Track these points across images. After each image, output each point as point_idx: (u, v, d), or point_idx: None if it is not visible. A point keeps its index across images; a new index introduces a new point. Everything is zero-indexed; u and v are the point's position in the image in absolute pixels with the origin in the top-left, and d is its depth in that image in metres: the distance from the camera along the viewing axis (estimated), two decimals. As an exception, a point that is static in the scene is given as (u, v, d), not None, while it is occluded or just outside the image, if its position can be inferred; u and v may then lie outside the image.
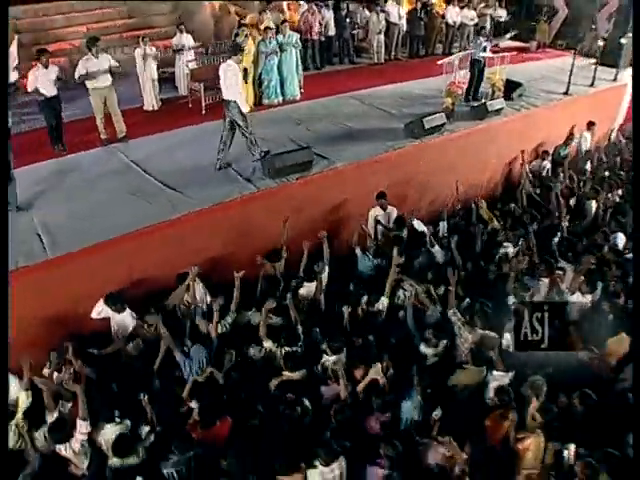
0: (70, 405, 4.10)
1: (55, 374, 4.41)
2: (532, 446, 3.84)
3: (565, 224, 6.49)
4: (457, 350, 4.71)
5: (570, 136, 9.51)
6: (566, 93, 10.07)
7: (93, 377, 4.38)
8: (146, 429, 3.93)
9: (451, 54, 10.12)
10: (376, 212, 6.44)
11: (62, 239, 5.17)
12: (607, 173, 8.62)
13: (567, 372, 4.42)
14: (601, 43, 12.10)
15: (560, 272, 5.48)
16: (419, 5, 11.97)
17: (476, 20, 12.56)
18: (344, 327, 4.99)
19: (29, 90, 7.03)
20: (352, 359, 4.58)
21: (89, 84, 7.32)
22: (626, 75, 11.32)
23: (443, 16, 12.39)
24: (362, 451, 3.90)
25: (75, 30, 10.91)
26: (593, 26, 13.45)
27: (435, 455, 3.85)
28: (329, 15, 10.97)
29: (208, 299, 5.20)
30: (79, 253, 4.92)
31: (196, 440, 3.74)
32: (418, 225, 6.40)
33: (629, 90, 11.41)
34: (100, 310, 4.80)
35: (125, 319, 4.92)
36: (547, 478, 3.83)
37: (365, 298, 5.27)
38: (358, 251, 6.06)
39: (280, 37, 8.67)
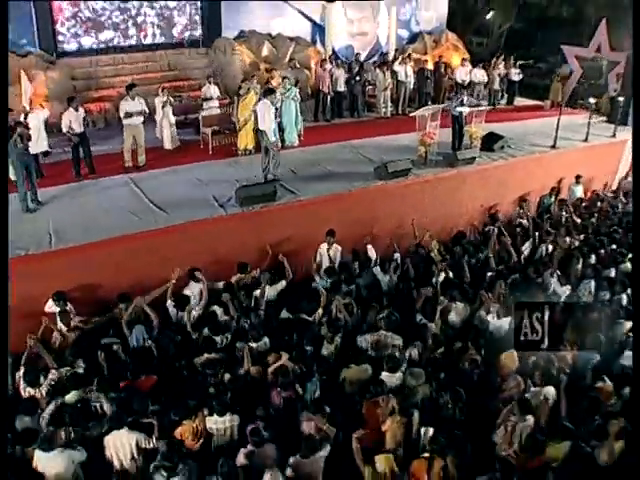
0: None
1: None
2: (391, 427, 4.90)
3: (492, 260, 7.54)
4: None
5: (554, 188, 10.50)
6: (553, 147, 11.19)
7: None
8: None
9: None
10: (323, 248, 7.76)
11: (64, 238, 6.95)
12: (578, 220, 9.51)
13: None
14: (608, 100, 13.21)
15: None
16: (426, 65, 13.54)
17: (485, 79, 13.98)
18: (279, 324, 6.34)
19: (63, 129, 9.05)
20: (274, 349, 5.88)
21: (124, 121, 9.34)
22: (625, 132, 12.32)
23: (452, 73, 13.89)
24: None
25: (122, 79, 13.16)
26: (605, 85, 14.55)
27: (308, 425, 4.98)
28: (339, 72, 12.78)
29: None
30: (71, 248, 6.61)
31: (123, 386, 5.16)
32: (370, 251, 7.69)
33: (629, 146, 12.38)
34: (50, 305, 6.31)
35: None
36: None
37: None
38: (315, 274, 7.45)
39: (281, 90, 10.44)
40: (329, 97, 12.72)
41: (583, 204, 10.53)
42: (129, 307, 6.21)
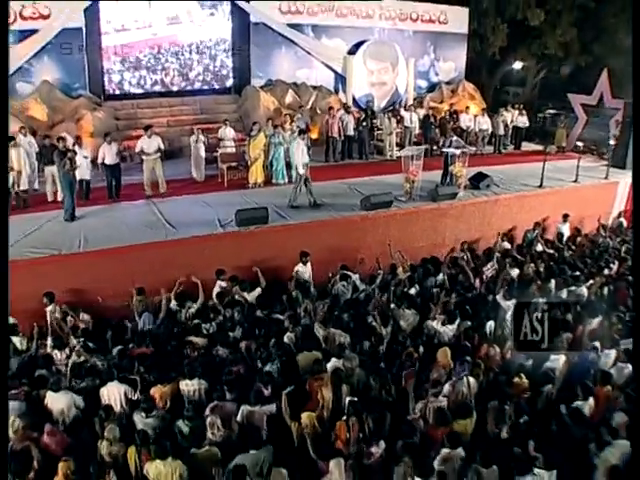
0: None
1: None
2: (322, 389, 6.26)
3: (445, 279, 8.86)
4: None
5: (537, 224, 11.68)
6: (540, 186, 12.48)
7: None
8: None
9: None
10: (298, 267, 9.23)
11: (91, 243, 8.82)
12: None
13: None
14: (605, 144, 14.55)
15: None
16: (431, 112, 15.20)
17: (488, 126, 15.49)
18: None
19: (98, 161, 11.12)
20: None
21: (143, 156, 11.33)
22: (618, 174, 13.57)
23: (456, 120, 15.47)
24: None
25: (158, 121, 15.40)
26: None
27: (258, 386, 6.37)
28: (348, 119, 14.56)
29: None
30: (94, 251, 8.45)
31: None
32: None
33: (622, 187, 13.52)
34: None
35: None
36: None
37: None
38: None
39: (288, 133, 12.24)
40: (338, 141, 14.44)
41: (564, 239, 11.62)
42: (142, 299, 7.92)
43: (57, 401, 5.98)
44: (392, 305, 7.93)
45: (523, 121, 16.63)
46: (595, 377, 6.51)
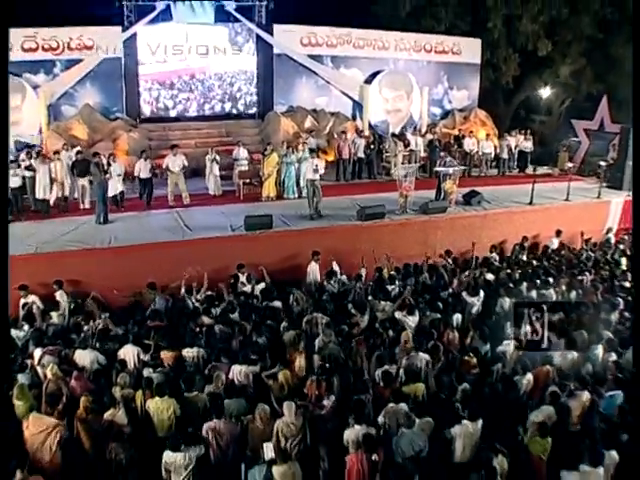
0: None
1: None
2: (298, 356, 7.62)
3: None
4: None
5: (525, 238, 12.81)
6: (530, 203, 13.69)
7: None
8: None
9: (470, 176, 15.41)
10: (311, 264, 10.70)
11: (119, 241, 10.53)
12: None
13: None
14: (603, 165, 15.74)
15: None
16: (436, 136, 16.62)
17: (491, 150, 16.79)
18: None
19: (135, 174, 12.94)
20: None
21: (168, 172, 13.09)
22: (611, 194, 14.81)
23: (460, 145, 16.83)
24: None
25: (187, 142, 17.28)
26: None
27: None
28: (359, 142, 16.08)
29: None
30: (121, 247, 10.12)
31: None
32: (334, 266, 10.54)
33: (614, 206, 14.59)
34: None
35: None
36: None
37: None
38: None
39: (300, 153, 13.81)
40: (348, 162, 15.99)
41: (549, 250, 12.73)
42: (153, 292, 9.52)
43: (83, 357, 7.53)
44: (370, 297, 9.27)
45: (528, 146, 17.87)
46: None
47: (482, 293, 9.55)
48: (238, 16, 18.21)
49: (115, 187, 12.49)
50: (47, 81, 16.22)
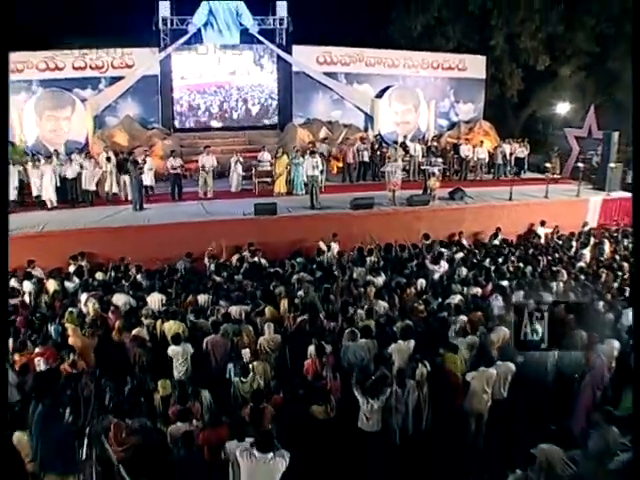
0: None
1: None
2: (282, 301, 9.99)
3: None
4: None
5: (499, 229, 14.84)
6: (510, 199, 15.77)
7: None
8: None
9: (466, 180, 17.79)
10: (331, 243, 13.07)
11: (152, 221, 13.19)
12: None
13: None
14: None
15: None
16: (434, 144, 18.89)
17: (485, 156, 18.94)
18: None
19: (167, 167, 15.72)
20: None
21: (201, 170, 15.81)
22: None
23: (457, 151, 19.03)
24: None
25: (214, 149, 19.90)
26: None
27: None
28: (364, 147, 18.48)
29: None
30: (153, 225, 12.80)
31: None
32: (335, 246, 12.88)
33: (592, 204, 16.54)
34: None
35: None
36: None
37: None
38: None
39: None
40: (353, 166, 18.41)
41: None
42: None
43: (119, 299, 10.06)
44: (349, 264, 11.62)
45: (523, 152, 19.92)
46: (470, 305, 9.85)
47: (443, 263, 11.73)
48: (261, 38, 20.96)
49: (148, 179, 15.22)
50: (93, 95, 19.38)
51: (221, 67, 21.07)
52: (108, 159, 15.51)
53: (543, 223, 15.34)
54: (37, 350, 8.07)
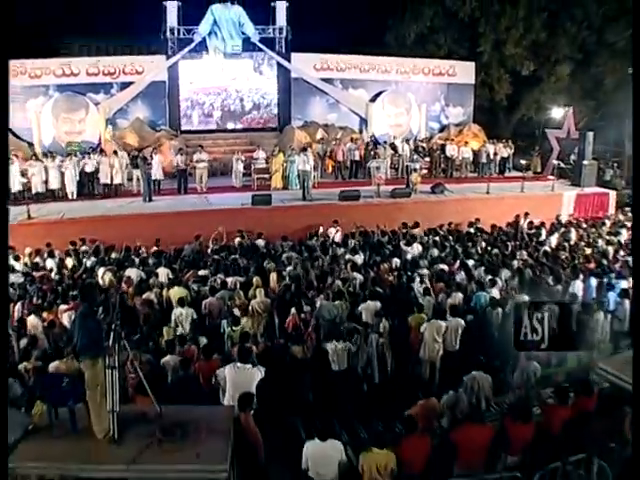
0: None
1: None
2: (272, 274, 11.70)
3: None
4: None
5: (478, 219, 16.45)
6: (487, 193, 17.43)
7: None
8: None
9: (452, 177, 19.49)
10: (331, 229, 14.81)
11: (159, 210, 14.95)
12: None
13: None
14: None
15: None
16: (422, 144, 20.63)
17: (469, 155, 20.63)
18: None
19: (173, 164, 17.51)
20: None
21: (195, 164, 17.59)
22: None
23: (443, 150, 20.74)
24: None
25: (218, 149, 21.87)
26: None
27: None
28: (355, 147, 20.22)
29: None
30: (161, 213, 14.62)
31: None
32: (336, 234, 14.61)
33: (566, 198, 18.18)
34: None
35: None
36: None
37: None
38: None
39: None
40: (344, 164, 20.19)
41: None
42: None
43: (131, 272, 11.80)
44: (333, 245, 13.36)
45: (507, 152, 21.60)
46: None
47: (416, 245, 13.43)
48: (261, 46, 22.83)
49: (156, 174, 17.03)
50: (106, 99, 21.30)
51: (224, 73, 22.91)
52: (120, 156, 17.31)
53: (527, 215, 16.90)
54: (62, 307, 9.88)
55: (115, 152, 17.55)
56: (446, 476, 6.31)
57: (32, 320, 9.50)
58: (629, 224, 16.20)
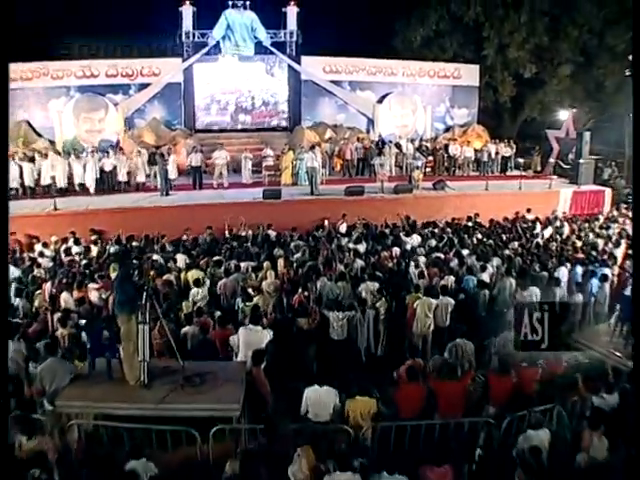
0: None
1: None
2: (279, 261, 12.87)
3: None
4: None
5: (477, 214, 17.50)
6: (486, 189, 18.49)
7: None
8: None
9: (454, 175, 20.67)
10: (339, 223, 15.97)
11: (178, 203, 16.20)
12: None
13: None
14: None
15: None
16: (426, 143, 21.73)
17: (471, 154, 21.70)
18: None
19: (187, 164, 18.79)
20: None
21: (215, 160, 18.82)
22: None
23: (447, 150, 21.83)
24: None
25: (231, 148, 22.92)
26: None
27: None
28: (361, 146, 21.36)
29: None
30: (180, 206, 15.85)
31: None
32: (343, 227, 15.73)
33: (563, 195, 19.20)
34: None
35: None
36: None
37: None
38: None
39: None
40: (352, 162, 21.34)
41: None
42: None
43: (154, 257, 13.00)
44: (338, 235, 14.52)
45: (508, 151, 22.63)
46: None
47: (415, 236, 14.53)
48: (273, 50, 24.08)
49: (172, 171, 18.28)
50: (124, 100, 22.62)
51: (237, 75, 24.14)
52: (139, 153, 18.60)
53: (528, 211, 17.92)
54: (92, 285, 11.09)
55: (139, 151, 18.79)
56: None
57: (64, 296, 10.69)
58: (621, 220, 17.24)
